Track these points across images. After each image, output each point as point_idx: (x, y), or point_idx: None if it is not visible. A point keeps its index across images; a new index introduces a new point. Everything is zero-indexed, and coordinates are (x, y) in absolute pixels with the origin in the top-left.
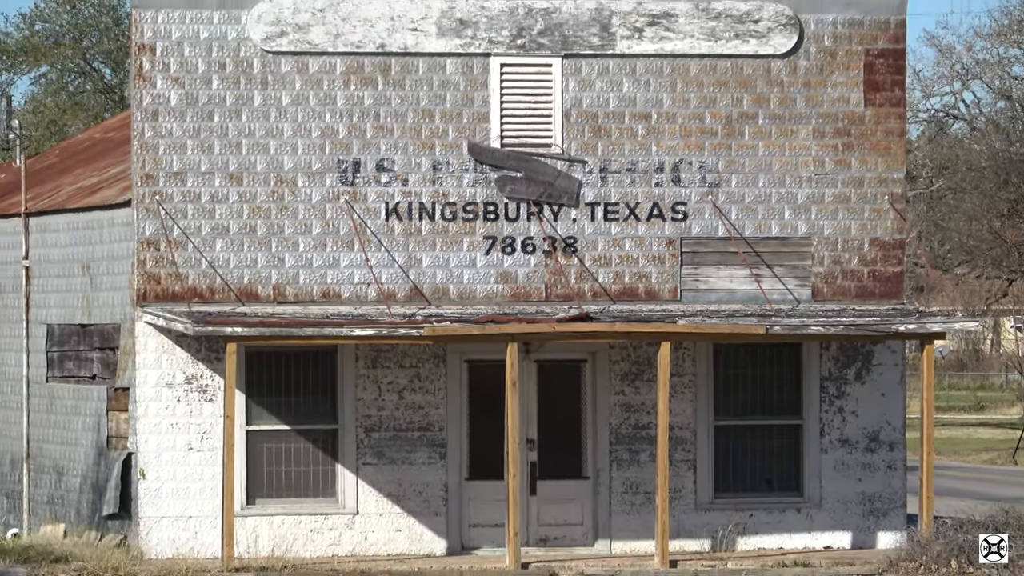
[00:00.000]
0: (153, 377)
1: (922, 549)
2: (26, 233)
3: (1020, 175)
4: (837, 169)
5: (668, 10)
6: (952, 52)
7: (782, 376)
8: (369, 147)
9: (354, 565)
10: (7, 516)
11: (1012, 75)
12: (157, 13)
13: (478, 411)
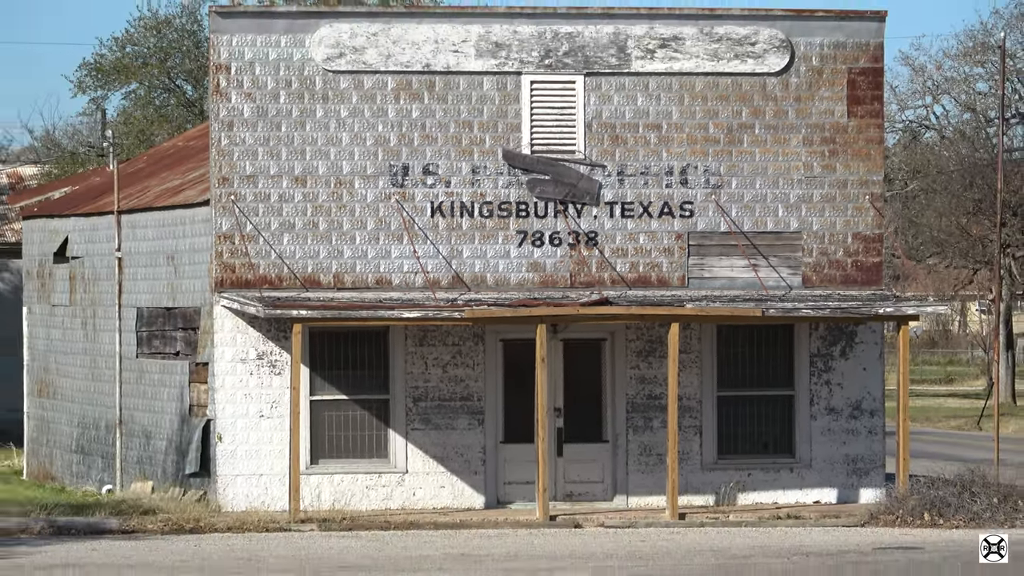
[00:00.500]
0: (229, 353)
1: (899, 504)
2: (119, 228)
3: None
4: (824, 173)
5: (676, 34)
6: (924, 70)
7: (776, 353)
8: (416, 153)
9: (404, 517)
10: (102, 474)
11: (976, 91)
12: (232, 37)
13: (511, 383)
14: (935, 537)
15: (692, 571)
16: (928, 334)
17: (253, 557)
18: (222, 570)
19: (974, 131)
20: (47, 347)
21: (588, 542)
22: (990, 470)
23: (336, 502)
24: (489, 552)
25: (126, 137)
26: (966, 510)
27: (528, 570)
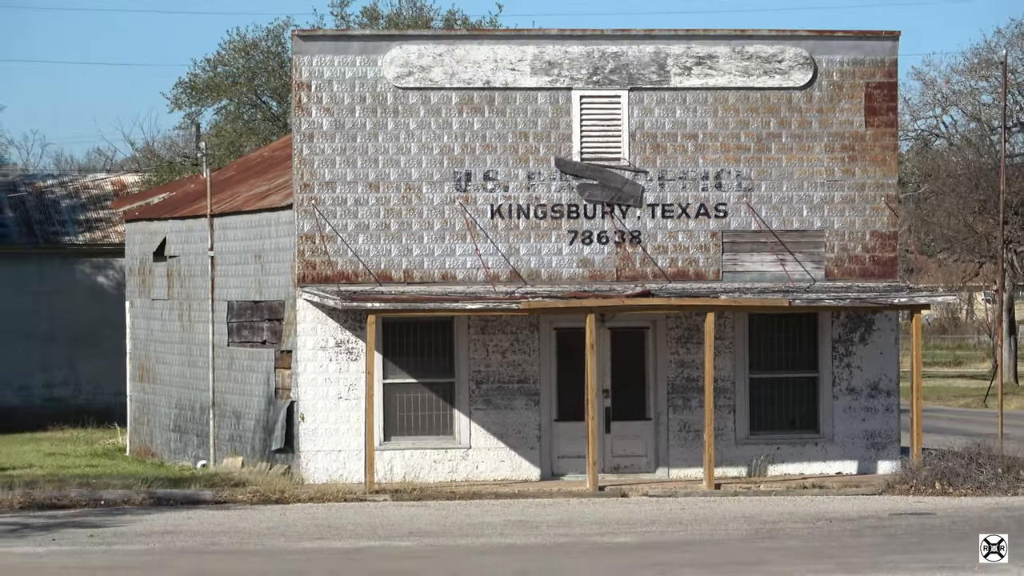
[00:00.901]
0: (310, 342)
1: (913, 474)
2: (211, 230)
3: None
4: (844, 177)
5: (711, 53)
6: (934, 84)
7: (802, 339)
8: (478, 161)
9: (467, 488)
10: (197, 451)
11: (981, 102)
12: (312, 58)
13: (564, 367)
14: (945, 504)
15: (727, 535)
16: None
17: (332, 524)
18: (305, 536)
19: (979, 139)
20: (147, 337)
21: (633, 510)
22: (995, 444)
23: (407, 475)
24: (544, 519)
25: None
26: (973, 480)
27: (580, 535)
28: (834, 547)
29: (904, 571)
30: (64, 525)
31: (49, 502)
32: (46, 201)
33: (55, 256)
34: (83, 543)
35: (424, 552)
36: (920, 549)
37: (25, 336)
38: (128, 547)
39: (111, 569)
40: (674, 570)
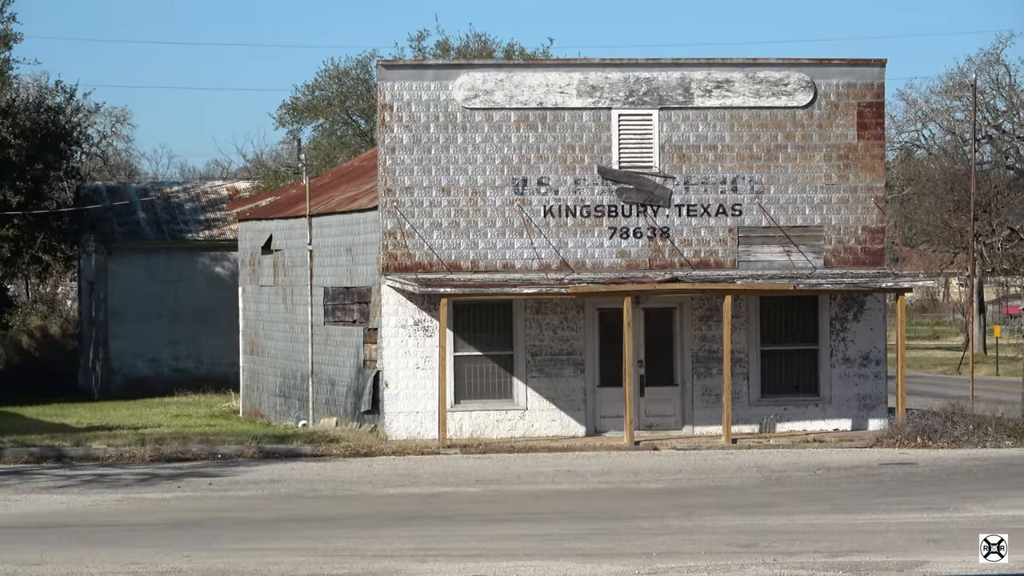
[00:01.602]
0: (393, 321)
1: (898, 430)
2: (310, 228)
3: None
4: (839, 181)
5: (727, 78)
6: (915, 104)
7: (804, 317)
8: (532, 169)
9: (525, 443)
10: (298, 413)
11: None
12: (394, 84)
13: (605, 341)
14: (926, 455)
15: (743, 482)
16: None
17: (411, 473)
18: (389, 483)
19: (953, 149)
20: (256, 317)
21: (663, 460)
22: (967, 405)
23: (473, 432)
24: (589, 469)
25: (315, 159)
26: (949, 434)
27: (618, 482)
28: (832, 491)
29: (891, 510)
30: (187, 475)
31: (175, 456)
32: (172, 204)
33: (180, 250)
34: (203, 490)
35: (489, 496)
36: (905, 493)
37: (156, 317)
38: (241, 493)
39: (228, 511)
40: (698, 511)
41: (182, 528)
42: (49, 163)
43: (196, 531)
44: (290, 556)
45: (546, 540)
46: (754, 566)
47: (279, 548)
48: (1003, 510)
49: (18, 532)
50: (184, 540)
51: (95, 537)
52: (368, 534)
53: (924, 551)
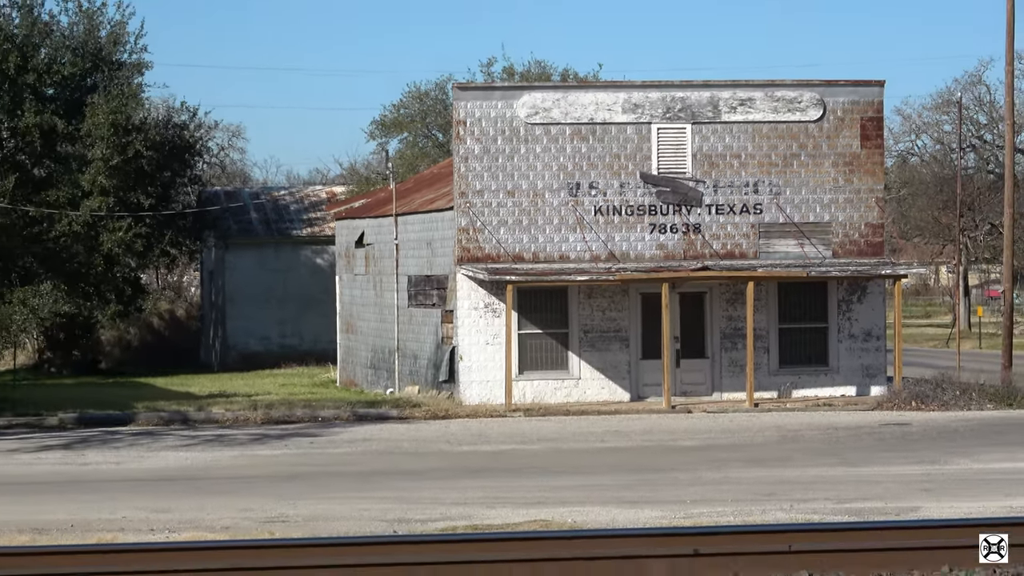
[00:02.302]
0: (466, 304)
1: (895, 395)
2: (396, 225)
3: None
4: (845, 184)
5: (750, 96)
6: (910, 118)
7: (816, 299)
8: (584, 175)
9: (578, 407)
10: (386, 382)
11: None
12: (467, 103)
13: (646, 321)
14: (919, 417)
15: (763, 440)
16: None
17: (482, 433)
18: (463, 441)
19: (943, 156)
20: (351, 301)
21: (696, 422)
22: (954, 374)
23: (534, 398)
24: (632, 428)
25: (400, 167)
26: (939, 399)
27: (658, 440)
28: (839, 448)
29: (889, 463)
30: (292, 435)
31: (282, 419)
32: (279, 206)
33: (286, 245)
34: (306, 448)
35: (548, 452)
36: (902, 449)
37: (265, 301)
38: (337, 450)
39: (326, 465)
40: (726, 464)
41: (288, 480)
42: (175, 171)
43: (299, 483)
44: (379, 504)
45: (596, 490)
46: (774, 511)
47: (370, 497)
48: (986, 463)
49: (150, 483)
50: (289, 490)
51: (214, 488)
52: (446, 485)
53: (918, 498)
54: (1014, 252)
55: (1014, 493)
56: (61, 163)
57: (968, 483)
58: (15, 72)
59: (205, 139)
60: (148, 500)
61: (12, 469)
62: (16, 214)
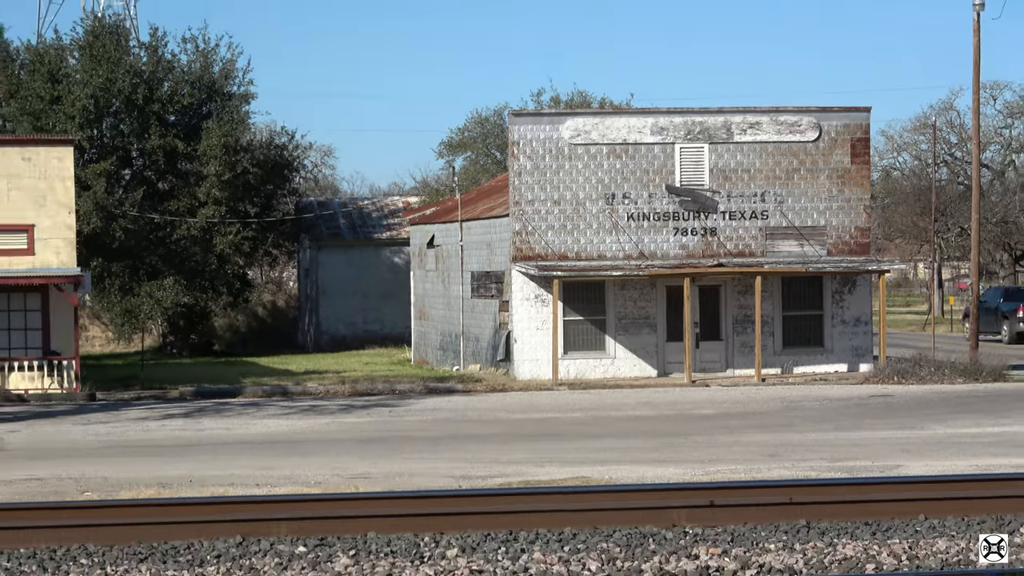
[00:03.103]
0: (519, 295)
1: (880, 371)
2: (461, 230)
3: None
4: (838, 194)
5: (757, 121)
6: (892, 138)
7: (813, 291)
8: (619, 187)
9: (613, 382)
10: (453, 360)
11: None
12: (520, 127)
13: (671, 309)
14: (900, 390)
15: (769, 409)
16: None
17: (533, 404)
18: (517, 410)
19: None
20: (423, 293)
21: (712, 394)
22: (930, 353)
23: (576, 375)
24: (659, 400)
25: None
26: (917, 374)
27: (680, 409)
28: (833, 416)
29: (875, 429)
30: (374, 405)
31: (365, 391)
32: (363, 213)
33: (368, 246)
34: (385, 416)
35: (587, 420)
36: (885, 417)
37: (351, 293)
38: (411, 417)
39: (402, 431)
40: (738, 430)
41: (370, 443)
42: (277, 185)
43: (380, 445)
44: (447, 463)
45: (628, 451)
46: (777, 468)
47: (439, 458)
48: (956, 428)
49: (255, 446)
50: (371, 452)
51: (309, 450)
52: (502, 447)
53: (899, 458)
54: (980, 251)
55: (979, 454)
56: (181, 178)
57: (941, 445)
58: (143, 102)
59: (301, 157)
60: (253, 460)
61: (141, 434)
62: (144, 221)
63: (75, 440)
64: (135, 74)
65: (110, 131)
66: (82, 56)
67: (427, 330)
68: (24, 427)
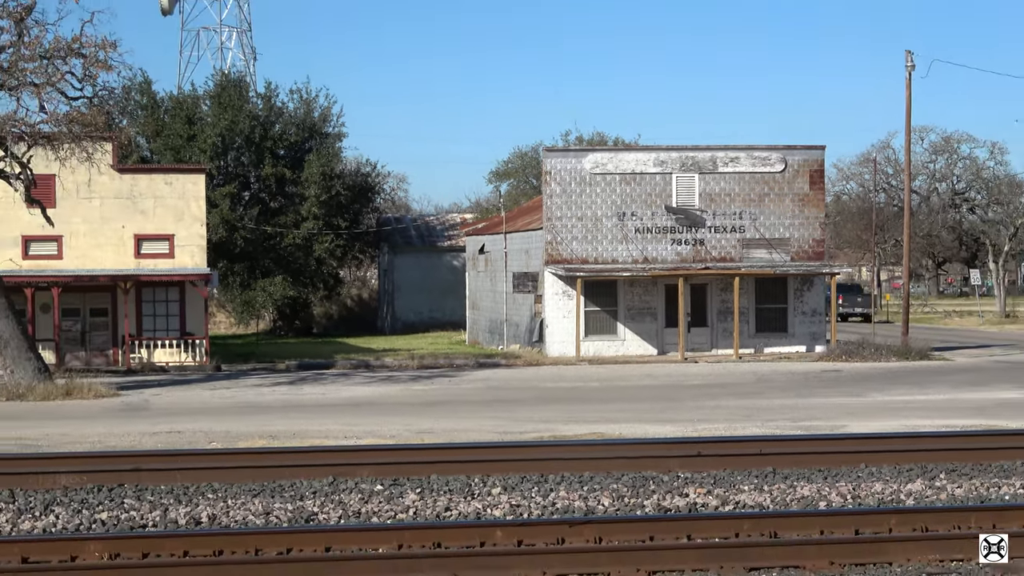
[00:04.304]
0: (550, 291)
1: (831, 352)
2: (505, 239)
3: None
4: (799, 213)
5: (736, 156)
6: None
7: (779, 288)
8: (628, 207)
9: (623, 359)
10: (499, 341)
11: (864, 178)
12: (551, 160)
13: (668, 302)
14: (847, 366)
15: (744, 381)
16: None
17: (560, 375)
18: (548, 380)
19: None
20: (475, 288)
21: (700, 369)
22: (871, 338)
23: (594, 353)
24: (658, 373)
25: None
26: (861, 355)
27: (675, 380)
28: (794, 386)
29: (827, 396)
30: (437, 376)
31: (430, 365)
32: (429, 226)
33: (433, 252)
34: (444, 384)
35: (603, 388)
36: (835, 387)
37: (419, 289)
38: (465, 386)
39: (458, 396)
40: (720, 396)
41: (433, 406)
42: (362, 204)
43: (441, 407)
44: (493, 420)
45: (635, 412)
46: (751, 427)
47: (486, 416)
48: (891, 396)
49: (344, 407)
50: (434, 412)
51: (386, 411)
52: (536, 409)
53: (845, 419)
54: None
55: (909, 416)
56: (288, 199)
57: (879, 409)
58: (259, 140)
59: (381, 183)
60: (342, 418)
61: (255, 397)
62: (259, 232)
63: (204, 401)
64: (253, 118)
65: (233, 162)
66: (212, 104)
67: (478, 318)
68: (165, 392)
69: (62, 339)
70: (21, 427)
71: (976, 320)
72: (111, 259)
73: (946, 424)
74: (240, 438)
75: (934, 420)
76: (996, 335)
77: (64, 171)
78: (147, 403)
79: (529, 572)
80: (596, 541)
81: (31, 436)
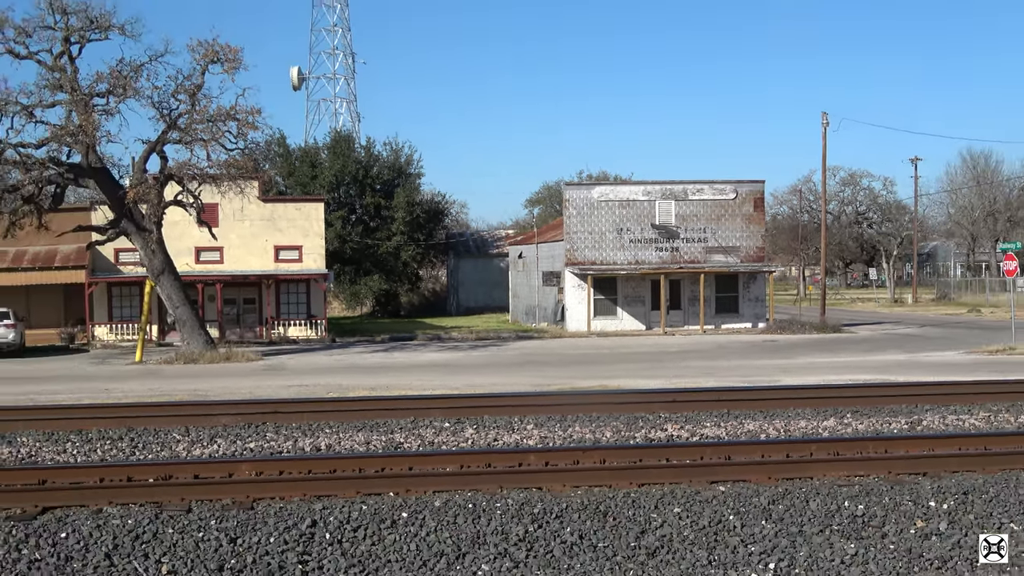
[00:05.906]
0: (569, 284)
1: (770, 327)
2: (537, 248)
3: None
4: (746, 228)
5: (701, 188)
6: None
7: (732, 282)
8: (624, 224)
9: (622, 334)
10: (532, 321)
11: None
12: (569, 191)
13: (653, 293)
14: (782, 337)
15: (707, 349)
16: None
17: (577, 345)
18: (568, 348)
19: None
20: (515, 283)
21: (676, 340)
22: (798, 317)
23: (601, 329)
24: (646, 343)
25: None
26: (791, 329)
27: (657, 350)
28: (743, 352)
29: (767, 359)
30: (489, 345)
31: (484, 337)
32: (483, 238)
33: (486, 258)
34: (493, 351)
35: (607, 354)
36: (773, 353)
37: (476, 283)
38: (508, 352)
39: (503, 359)
40: (689, 358)
41: (485, 367)
42: (435, 223)
43: (490, 368)
44: (527, 378)
45: (630, 370)
46: (711, 381)
47: (522, 374)
48: (814, 359)
49: (423, 368)
50: (486, 371)
51: (451, 371)
52: (559, 368)
53: (780, 376)
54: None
55: (827, 374)
56: (382, 220)
57: (805, 369)
58: (362, 178)
59: (448, 208)
60: (421, 375)
61: (359, 360)
62: (362, 244)
63: (324, 364)
64: (357, 163)
65: (344, 194)
66: (328, 153)
67: (518, 304)
68: (296, 357)
69: (223, 320)
70: (194, 382)
71: (874, 304)
72: (257, 263)
73: (852, 378)
74: (349, 389)
75: (844, 376)
76: (887, 315)
77: (224, 201)
78: (283, 365)
79: (553, 484)
80: (601, 462)
81: (202, 388)
